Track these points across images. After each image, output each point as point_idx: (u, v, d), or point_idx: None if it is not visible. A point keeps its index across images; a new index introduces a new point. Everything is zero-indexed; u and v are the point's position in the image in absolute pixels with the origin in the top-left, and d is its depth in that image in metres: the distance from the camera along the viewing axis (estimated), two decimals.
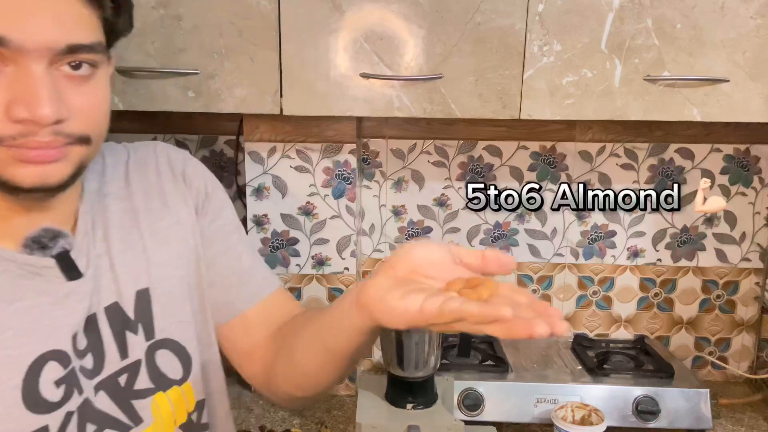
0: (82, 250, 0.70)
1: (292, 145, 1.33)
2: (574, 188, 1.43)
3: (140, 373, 0.73)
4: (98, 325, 0.70)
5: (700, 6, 1.03)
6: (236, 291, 0.83)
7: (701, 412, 1.24)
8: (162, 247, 0.76)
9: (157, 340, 0.74)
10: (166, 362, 0.75)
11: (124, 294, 0.72)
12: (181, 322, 0.77)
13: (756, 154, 1.42)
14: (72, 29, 0.59)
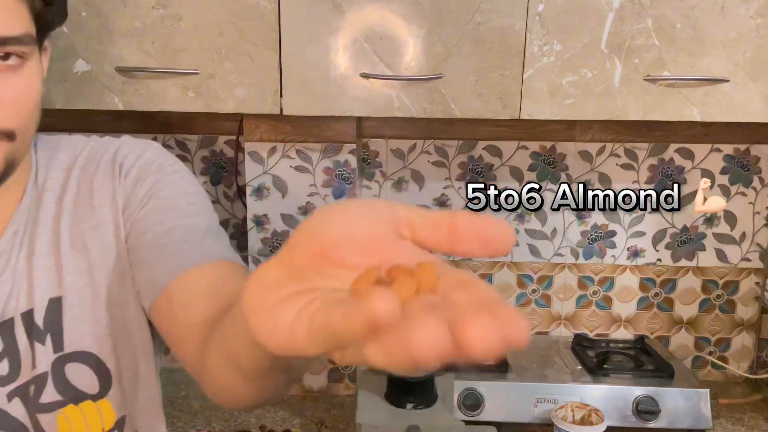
0: (4, 252, 0.67)
1: (292, 145, 1.33)
2: (574, 188, 1.43)
3: (47, 385, 0.68)
4: (14, 331, 0.67)
5: (700, 6, 1.03)
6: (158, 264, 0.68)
7: (701, 412, 1.24)
8: (78, 253, 0.69)
9: (66, 353, 0.68)
10: (79, 376, 0.69)
11: (37, 301, 0.68)
12: (98, 335, 0.70)
13: (756, 154, 1.42)
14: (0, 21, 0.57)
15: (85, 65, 1.09)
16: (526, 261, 1.49)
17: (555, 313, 1.51)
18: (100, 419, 0.71)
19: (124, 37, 1.07)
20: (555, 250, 1.48)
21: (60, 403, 0.68)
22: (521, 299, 1.51)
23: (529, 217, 1.46)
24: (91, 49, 1.08)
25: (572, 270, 1.49)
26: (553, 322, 1.52)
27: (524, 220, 1.46)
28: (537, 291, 1.50)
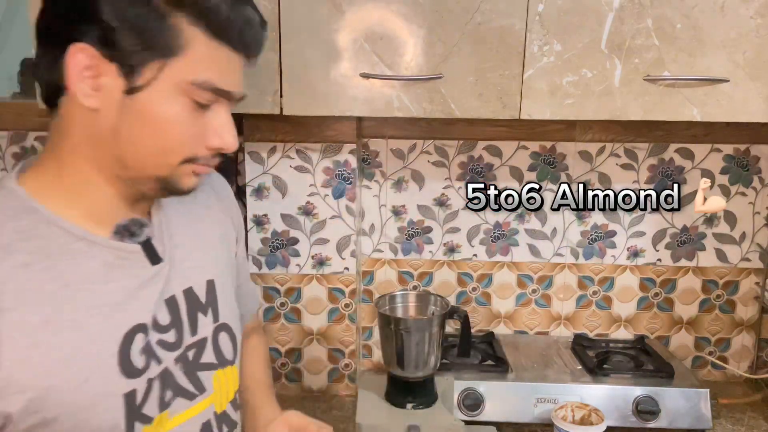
0: (158, 240, 0.79)
1: (292, 145, 1.33)
2: (574, 188, 1.43)
3: (206, 349, 0.82)
4: (178, 306, 0.79)
5: (700, 6, 1.03)
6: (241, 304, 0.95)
7: (701, 411, 1.24)
8: (218, 251, 0.90)
9: (220, 323, 0.85)
10: (225, 344, 0.85)
11: (196, 281, 0.83)
12: (234, 314, 0.89)
13: (756, 154, 1.42)
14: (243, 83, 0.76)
15: None
16: (526, 261, 1.49)
17: (555, 313, 1.51)
18: (233, 381, 0.87)
19: None
20: (555, 250, 1.48)
21: (213, 365, 0.83)
22: (521, 299, 1.51)
23: (529, 217, 1.46)
24: None
25: (572, 270, 1.49)
26: (553, 322, 1.52)
27: (524, 220, 1.46)
28: (537, 291, 1.50)
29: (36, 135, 1.44)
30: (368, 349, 1.54)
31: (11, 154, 1.45)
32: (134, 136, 0.69)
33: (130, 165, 0.71)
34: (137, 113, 0.68)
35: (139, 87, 0.67)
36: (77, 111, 0.68)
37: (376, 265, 1.50)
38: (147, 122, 0.68)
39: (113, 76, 0.66)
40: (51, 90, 0.69)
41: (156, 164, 0.71)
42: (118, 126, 0.68)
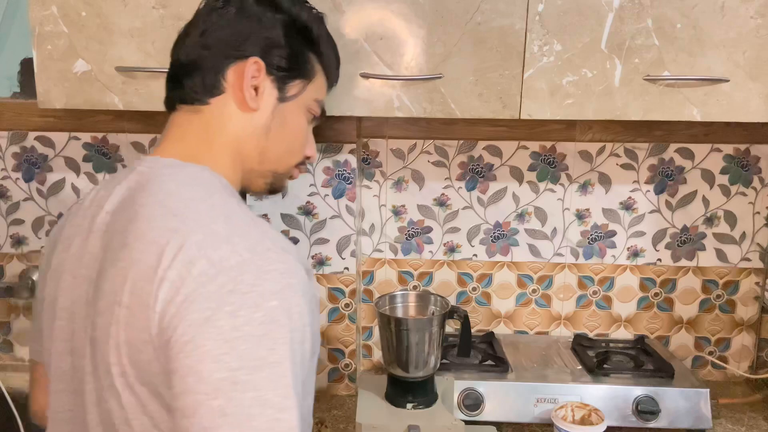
0: None
1: None
2: (574, 188, 1.43)
3: None
4: None
5: (700, 6, 1.03)
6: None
7: (701, 411, 1.24)
8: None
9: None
10: None
11: None
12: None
13: (756, 154, 1.42)
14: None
15: (85, 65, 1.09)
16: (526, 261, 1.49)
17: (555, 313, 1.51)
18: None
19: (124, 37, 1.07)
20: (555, 250, 1.48)
21: None
22: (521, 299, 1.51)
23: (529, 217, 1.46)
24: (91, 49, 1.08)
25: (572, 270, 1.49)
26: (553, 322, 1.52)
27: (524, 220, 1.46)
28: (537, 291, 1.50)
29: (36, 135, 1.44)
30: (368, 349, 1.53)
31: (11, 154, 1.45)
32: (278, 135, 0.85)
33: (268, 158, 0.85)
34: (283, 117, 0.84)
35: (288, 97, 0.84)
36: (233, 110, 0.81)
37: (376, 265, 1.50)
38: (287, 126, 0.85)
39: (270, 87, 0.82)
40: (205, 90, 0.81)
41: (283, 161, 0.88)
42: (269, 125, 0.83)
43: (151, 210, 0.69)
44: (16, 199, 1.48)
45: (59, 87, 1.10)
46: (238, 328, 0.60)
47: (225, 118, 0.81)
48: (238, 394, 0.58)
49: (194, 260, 0.63)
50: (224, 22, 0.81)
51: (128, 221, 0.69)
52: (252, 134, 0.82)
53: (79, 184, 1.46)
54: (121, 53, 1.08)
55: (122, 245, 0.67)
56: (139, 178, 0.76)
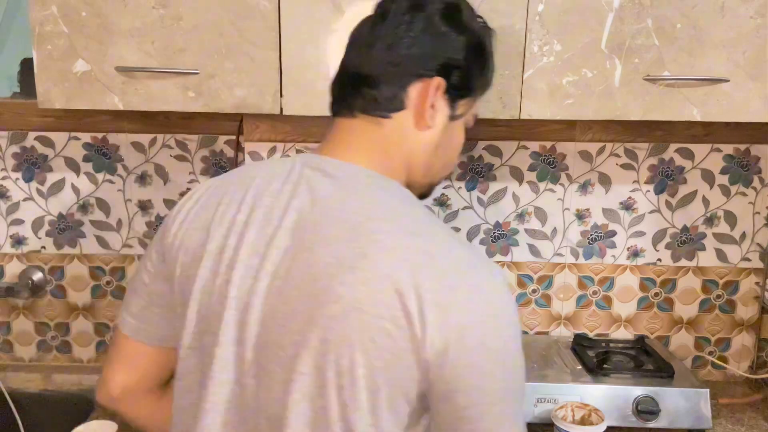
0: None
1: (292, 145, 1.33)
2: (574, 188, 1.43)
3: None
4: None
5: (700, 6, 1.03)
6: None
7: (701, 411, 1.24)
8: None
9: None
10: None
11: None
12: None
13: (756, 154, 1.42)
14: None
15: (85, 65, 1.09)
16: (526, 261, 1.49)
17: (555, 313, 1.51)
18: None
19: (124, 37, 1.08)
20: (555, 250, 1.48)
21: None
22: (521, 299, 1.51)
23: (529, 217, 1.46)
24: (91, 49, 1.08)
25: (572, 270, 1.49)
26: (553, 322, 1.52)
27: (524, 220, 1.46)
28: (537, 291, 1.50)
29: (36, 135, 1.44)
30: None
31: (11, 154, 1.45)
32: (444, 151, 0.87)
33: (433, 171, 0.88)
34: (449, 135, 0.86)
35: (457, 116, 0.86)
36: (410, 125, 0.82)
37: None
38: (452, 142, 0.88)
39: (443, 105, 0.83)
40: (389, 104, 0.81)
41: (441, 174, 0.91)
42: (439, 141, 0.85)
43: (383, 225, 0.71)
44: (16, 199, 1.48)
45: (59, 87, 1.10)
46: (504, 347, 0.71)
47: (403, 133, 0.82)
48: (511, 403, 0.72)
49: (456, 286, 0.69)
50: (412, 39, 0.81)
51: (351, 229, 0.70)
52: (424, 151, 0.84)
53: (79, 184, 1.46)
54: (121, 53, 1.08)
55: (360, 254, 0.68)
56: (338, 183, 0.76)
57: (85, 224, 1.48)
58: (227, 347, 0.74)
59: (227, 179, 0.83)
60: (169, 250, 0.81)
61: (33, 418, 1.36)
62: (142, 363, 0.88)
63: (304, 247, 0.71)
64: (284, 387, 0.70)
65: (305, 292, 0.70)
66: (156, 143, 1.44)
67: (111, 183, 1.46)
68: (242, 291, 0.73)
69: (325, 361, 0.68)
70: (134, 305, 0.86)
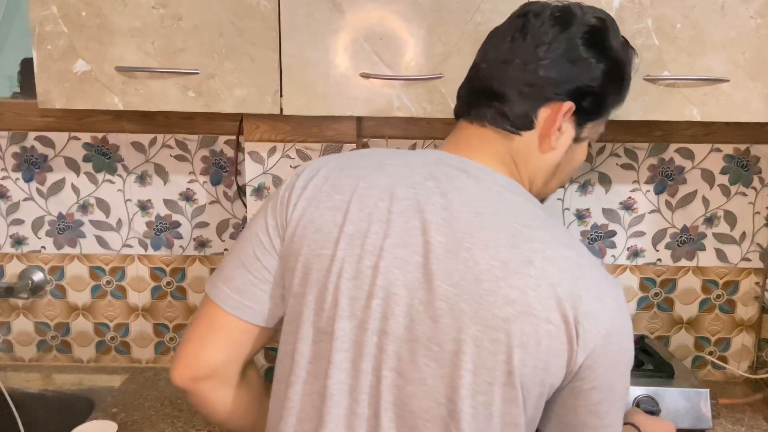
0: None
1: (292, 145, 1.33)
2: (574, 188, 1.43)
3: None
4: None
5: (700, 6, 1.03)
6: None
7: (701, 411, 1.24)
8: None
9: None
10: None
11: None
12: None
13: (756, 154, 1.42)
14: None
15: (85, 65, 1.09)
16: None
17: None
18: None
19: (124, 37, 1.08)
20: None
21: None
22: None
23: None
24: (91, 49, 1.08)
25: None
26: None
27: None
28: None
29: (36, 135, 1.44)
30: None
31: (11, 154, 1.45)
32: (564, 169, 0.88)
33: (549, 188, 0.89)
34: (571, 155, 0.87)
35: (581, 139, 0.86)
36: (535, 145, 0.83)
37: None
38: (572, 162, 0.89)
39: (570, 128, 0.84)
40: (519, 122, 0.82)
41: (556, 187, 0.92)
42: (560, 162, 0.86)
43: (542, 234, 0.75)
44: (16, 199, 1.48)
45: (59, 87, 1.10)
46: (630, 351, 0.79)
47: (529, 152, 0.84)
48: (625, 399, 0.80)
49: (602, 297, 0.74)
50: (550, 62, 0.80)
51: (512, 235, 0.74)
52: (544, 170, 0.86)
53: (79, 184, 1.46)
54: (121, 53, 1.08)
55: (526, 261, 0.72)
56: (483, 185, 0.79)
57: (85, 224, 1.48)
58: (371, 336, 0.73)
59: (355, 161, 0.83)
60: (293, 226, 0.78)
61: (33, 418, 1.36)
62: (240, 341, 0.84)
63: (462, 246, 0.72)
64: (447, 383, 0.72)
65: (467, 291, 0.71)
66: (156, 143, 1.44)
67: (111, 183, 1.46)
68: (389, 281, 0.73)
69: (495, 361, 0.71)
70: (239, 280, 0.82)
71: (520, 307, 0.70)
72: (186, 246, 1.48)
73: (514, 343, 0.70)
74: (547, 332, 0.71)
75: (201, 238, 1.48)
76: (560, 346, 0.72)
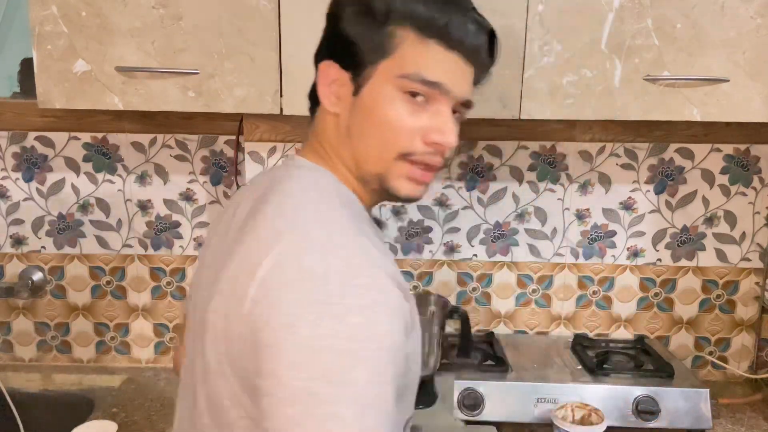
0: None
1: (292, 145, 1.33)
2: (574, 188, 1.43)
3: None
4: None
5: (700, 6, 1.03)
6: None
7: (701, 411, 1.24)
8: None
9: None
10: None
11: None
12: None
13: (756, 154, 1.42)
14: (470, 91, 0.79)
15: (85, 65, 1.09)
16: (526, 261, 1.48)
17: (555, 313, 1.51)
18: None
19: (124, 37, 1.08)
20: (555, 250, 1.48)
21: None
22: (521, 299, 1.51)
23: (529, 217, 1.46)
24: (91, 49, 1.08)
25: (572, 270, 1.49)
26: (553, 322, 1.52)
27: (524, 220, 1.46)
28: (537, 291, 1.50)
29: (36, 135, 1.44)
30: None
31: (11, 154, 1.45)
32: (361, 131, 0.77)
33: (360, 160, 0.77)
34: (361, 109, 0.76)
35: (360, 86, 0.76)
36: (328, 118, 0.79)
37: None
38: (368, 116, 0.76)
39: (347, 84, 0.76)
40: (312, 102, 0.82)
41: (376, 158, 0.76)
42: (350, 125, 0.77)
43: (269, 209, 0.71)
44: (16, 199, 1.48)
45: (59, 87, 1.10)
46: (320, 339, 0.60)
47: (324, 126, 0.80)
48: (312, 406, 0.58)
49: (285, 264, 0.64)
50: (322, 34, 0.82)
51: (252, 217, 0.72)
52: (342, 141, 0.78)
53: (79, 184, 1.46)
54: (121, 53, 1.08)
55: (240, 241, 0.70)
56: (275, 175, 0.79)
57: (85, 224, 1.48)
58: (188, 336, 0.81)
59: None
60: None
61: (33, 418, 1.36)
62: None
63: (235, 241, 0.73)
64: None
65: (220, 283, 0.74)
66: (156, 143, 1.44)
67: (111, 183, 1.46)
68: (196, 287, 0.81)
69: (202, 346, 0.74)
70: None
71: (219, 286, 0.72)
72: (186, 246, 1.48)
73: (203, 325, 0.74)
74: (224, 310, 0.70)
75: (201, 238, 1.48)
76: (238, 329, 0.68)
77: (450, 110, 0.77)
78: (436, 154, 0.76)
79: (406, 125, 0.75)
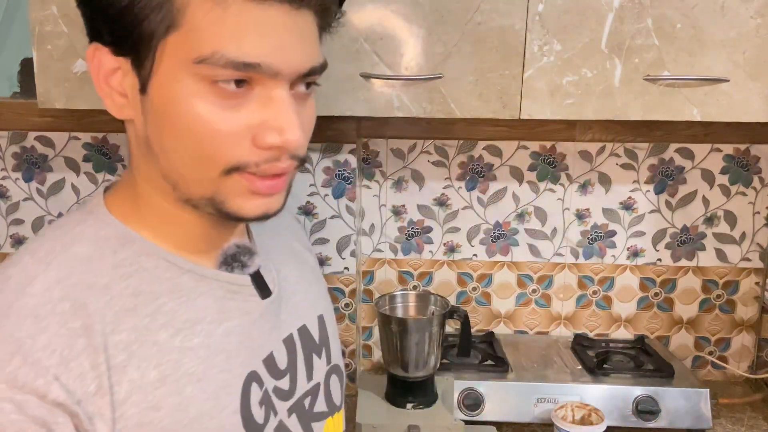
0: (266, 269, 0.68)
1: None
2: (574, 188, 1.43)
3: (319, 396, 0.73)
4: (295, 347, 0.69)
5: (700, 6, 1.03)
6: None
7: (701, 411, 1.24)
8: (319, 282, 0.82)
9: (333, 364, 0.77)
10: (335, 388, 0.77)
11: (309, 317, 0.74)
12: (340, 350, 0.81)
13: (756, 154, 1.42)
14: (313, 52, 0.56)
15: (85, 65, 1.09)
16: (526, 261, 1.49)
17: (555, 313, 1.51)
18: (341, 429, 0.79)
19: None
20: (555, 250, 1.48)
21: (325, 414, 0.74)
22: (521, 299, 1.51)
23: (529, 217, 1.46)
24: None
25: (572, 270, 1.49)
26: (553, 322, 1.52)
27: (524, 220, 1.46)
28: (537, 291, 1.50)
29: (36, 135, 1.44)
30: (368, 349, 1.53)
31: (11, 154, 1.45)
32: (162, 144, 0.55)
33: (174, 180, 0.57)
34: (154, 113, 0.54)
35: (146, 79, 0.53)
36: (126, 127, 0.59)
37: (376, 264, 1.50)
38: (165, 122, 0.54)
39: (130, 74, 0.54)
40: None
41: (196, 179, 0.55)
42: (148, 135, 0.56)
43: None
44: (16, 199, 1.48)
45: (59, 87, 1.10)
46: None
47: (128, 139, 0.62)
48: None
49: None
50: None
51: None
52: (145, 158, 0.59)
53: (79, 184, 1.46)
54: None
55: None
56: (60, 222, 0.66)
57: None
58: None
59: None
60: None
61: None
62: None
63: None
64: None
65: None
66: None
67: None
68: None
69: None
70: None
71: None
72: None
73: None
74: None
75: None
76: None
77: (286, 91, 0.54)
78: (279, 158, 0.55)
79: (223, 130, 0.52)
